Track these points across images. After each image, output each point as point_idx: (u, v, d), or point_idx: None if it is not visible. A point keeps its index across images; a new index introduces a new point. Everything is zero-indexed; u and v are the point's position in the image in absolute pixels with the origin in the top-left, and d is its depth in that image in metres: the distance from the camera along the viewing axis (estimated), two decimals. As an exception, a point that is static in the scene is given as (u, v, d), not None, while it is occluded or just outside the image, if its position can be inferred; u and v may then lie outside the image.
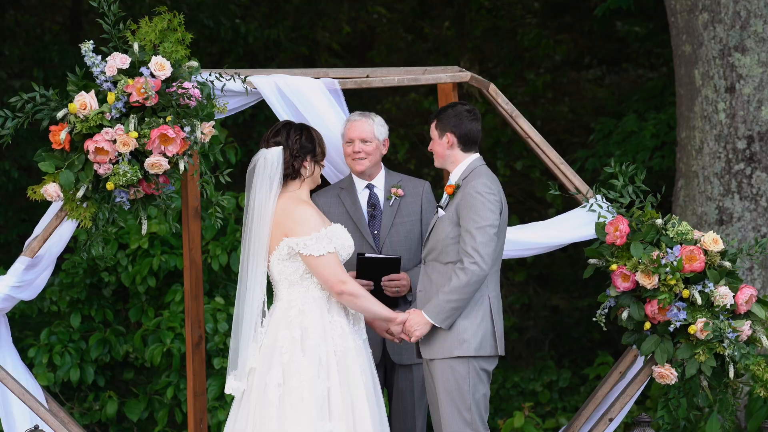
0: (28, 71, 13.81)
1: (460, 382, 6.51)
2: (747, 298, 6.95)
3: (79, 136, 6.50)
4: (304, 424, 6.22)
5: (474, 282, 6.41)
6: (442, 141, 6.68)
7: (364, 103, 14.19)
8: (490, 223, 6.46)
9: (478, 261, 6.40)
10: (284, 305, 6.43)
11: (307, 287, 6.43)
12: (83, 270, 9.89)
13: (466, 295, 6.43)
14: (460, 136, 6.66)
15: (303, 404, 6.24)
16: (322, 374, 6.30)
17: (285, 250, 6.39)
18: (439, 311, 6.44)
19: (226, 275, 9.97)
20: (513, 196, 15.00)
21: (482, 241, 6.42)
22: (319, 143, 6.61)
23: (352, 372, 6.36)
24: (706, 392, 7.02)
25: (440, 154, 6.71)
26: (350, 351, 6.39)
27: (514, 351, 13.77)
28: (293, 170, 6.51)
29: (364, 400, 6.33)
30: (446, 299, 6.43)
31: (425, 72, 7.44)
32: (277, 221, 6.43)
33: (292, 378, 6.28)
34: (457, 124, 6.66)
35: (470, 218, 6.46)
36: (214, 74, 6.77)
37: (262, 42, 14.33)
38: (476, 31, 14.93)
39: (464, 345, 6.51)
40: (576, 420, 7.37)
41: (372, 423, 6.31)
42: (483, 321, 6.55)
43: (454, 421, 6.52)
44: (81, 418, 9.74)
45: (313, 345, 6.33)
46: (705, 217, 9.58)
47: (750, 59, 9.47)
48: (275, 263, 6.44)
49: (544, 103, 15.34)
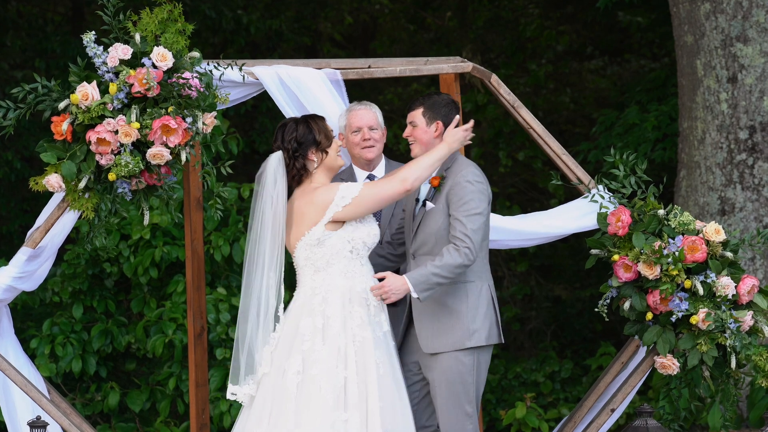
0: (30, 62, 13.81)
1: (464, 374, 6.49)
2: (749, 289, 6.96)
3: (81, 126, 6.50)
4: (320, 413, 6.25)
5: (464, 265, 6.38)
6: (429, 129, 6.61)
7: (366, 93, 14.19)
8: (480, 211, 6.45)
9: (470, 246, 6.39)
10: (308, 292, 6.45)
11: (332, 274, 6.44)
12: (85, 261, 9.90)
13: (453, 276, 6.39)
14: (448, 125, 6.63)
15: (320, 393, 6.27)
16: (340, 364, 6.32)
17: (316, 235, 6.39)
18: (423, 281, 6.36)
19: (228, 266, 9.97)
20: (515, 186, 15.00)
21: (473, 228, 6.41)
22: (320, 130, 6.54)
23: (368, 363, 6.37)
24: (707, 382, 7.03)
25: (425, 142, 6.62)
26: (368, 341, 6.40)
27: (516, 341, 13.76)
28: (297, 170, 6.50)
29: (376, 392, 6.33)
30: (433, 272, 6.36)
31: (427, 62, 7.44)
32: (300, 216, 6.42)
33: (312, 366, 6.31)
34: (448, 114, 6.63)
35: (461, 206, 6.43)
36: (213, 64, 6.77)
37: (264, 32, 14.32)
38: (478, 22, 14.90)
39: (475, 335, 6.50)
40: (578, 410, 7.38)
41: (381, 417, 6.31)
42: (488, 310, 6.56)
43: (454, 416, 6.49)
44: (83, 408, 9.76)
45: (334, 334, 6.36)
46: (707, 208, 9.58)
47: (752, 49, 9.46)
48: (302, 249, 6.44)
49: (546, 94, 15.32)
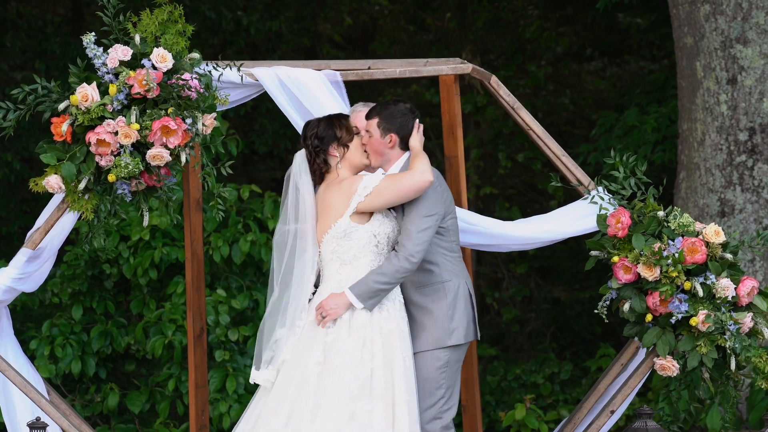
0: (29, 63, 13.82)
1: (438, 371, 6.53)
2: (748, 290, 6.96)
3: (80, 128, 6.50)
4: (338, 403, 6.31)
5: (405, 269, 6.40)
6: (383, 140, 6.62)
7: (366, 94, 14.19)
8: (427, 213, 6.46)
9: (411, 250, 6.40)
10: (334, 285, 6.50)
11: (358, 267, 6.49)
12: (85, 262, 9.89)
13: (396, 280, 6.42)
14: (403, 136, 6.64)
15: (342, 383, 6.33)
16: (365, 356, 6.38)
17: (342, 227, 6.46)
18: (365, 290, 6.41)
19: (227, 267, 9.97)
20: (514, 188, 15.00)
21: (417, 231, 6.43)
22: (341, 126, 6.62)
23: (395, 356, 6.43)
24: (707, 384, 7.03)
25: (379, 153, 6.64)
26: (394, 334, 6.46)
27: (516, 343, 13.76)
28: (319, 166, 6.59)
29: (402, 384, 6.39)
30: (374, 279, 6.41)
31: (427, 64, 7.44)
32: (327, 209, 6.51)
33: (335, 357, 6.37)
34: (403, 125, 6.63)
35: (409, 211, 6.48)
36: (211, 64, 6.77)
37: (264, 34, 14.33)
38: (478, 23, 14.91)
39: (454, 334, 6.55)
40: (577, 412, 7.38)
41: (409, 409, 6.37)
42: (466, 308, 6.60)
43: (423, 413, 6.52)
44: (82, 410, 9.75)
45: (359, 325, 6.43)
46: (707, 209, 9.58)
47: (752, 51, 9.46)
48: (329, 242, 6.51)
49: (545, 95, 15.34)
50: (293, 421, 6.35)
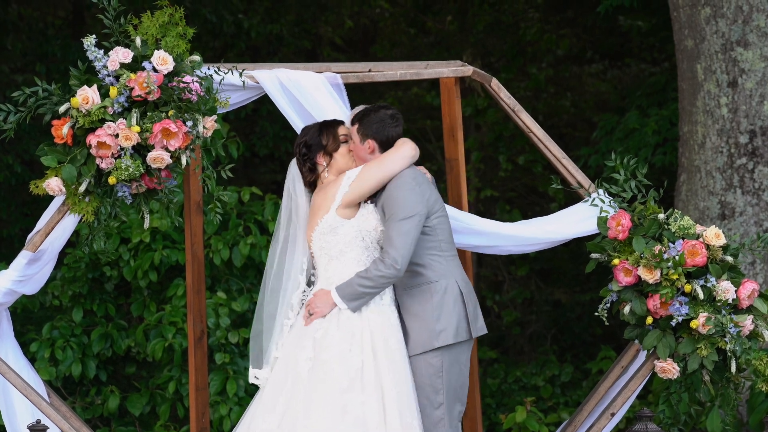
0: (30, 66, 13.83)
1: (433, 377, 6.51)
2: (749, 293, 6.95)
3: (81, 130, 6.50)
4: (329, 397, 6.32)
5: (389, 275, 6.42)
6: (363, 146, 6.67)
7: (367, 97, 14.20)
8: (407, 215, 6.47)
9: (395, 255, 6.41)
10: (323, 282, 6.57)
11: (345, 263, 6.53)
12: (85, 264, 9.89)
13: (380, 285, 6.44)
14: (381, 142, 6.66)
15: (332, 377, 6.35)
16: (354, 348, 6.40)
17: (328, 222, 6.53)
18: (350, 291, 6.44)
19: (228, 270, 9.97)
20: (515, 190, 15.01)
21: (398, 234, 6.44)
22: (327, 134, 6.69)
23: (382, 349, 6.44)
24: (707, 387, 7.02)
25: (362, 158, 6.69)
26: (383, 326, 6.50)
27: (516, 345, 13.76)
28: (307, 172, 6.70)
29: (389, 378, 6.39)
30: (359, 282, 6.44)
31: (427, 66, 7.44)
32: (316, 209, 6.59)
33: (324, 351, 6.40)
34: (380, 131, 6.66)
35: (390, 216, 6.51)
36: (213, 68, 6.77)
37: (265, 36, 14.34)
38: (479, 26, 14.92)
39: (441, 335, 6.52)
40: (578, 415, 7.38)
41: (398, 403, 6.36)
42: (455, 307, 6.56)
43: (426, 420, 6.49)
44: (83, 412, 9.75)
45: (346, 318, 6.46)
46: (707, 212, 9.58)
47: (752, 54, 9.46)
48: (317, 239, 6.58)
49: (546, 98, 15.34)
50: (288, 418, 6.37)
